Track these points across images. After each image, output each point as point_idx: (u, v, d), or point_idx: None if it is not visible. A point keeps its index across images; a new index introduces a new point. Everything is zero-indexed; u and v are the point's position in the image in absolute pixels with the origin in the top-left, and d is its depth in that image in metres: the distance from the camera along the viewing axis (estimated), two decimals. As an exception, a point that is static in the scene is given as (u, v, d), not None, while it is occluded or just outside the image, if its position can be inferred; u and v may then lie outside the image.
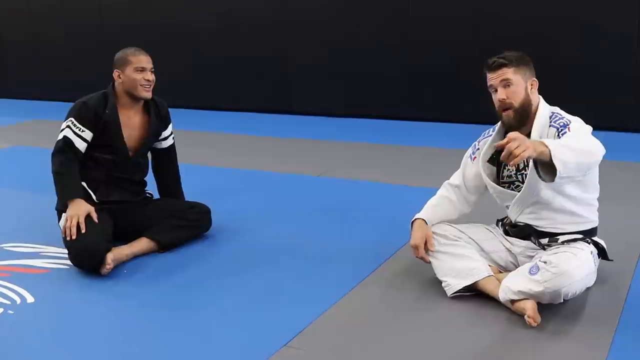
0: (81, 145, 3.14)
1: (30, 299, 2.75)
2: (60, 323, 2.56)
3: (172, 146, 3.52)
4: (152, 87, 3.23)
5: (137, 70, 3.17)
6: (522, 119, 2.55)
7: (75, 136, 3.12)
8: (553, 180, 2.22)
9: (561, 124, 2.49)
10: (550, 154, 2.17)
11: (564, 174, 2.20)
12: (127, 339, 2.42)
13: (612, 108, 5.76)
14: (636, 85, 5.69)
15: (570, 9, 5.79)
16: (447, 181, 2.86)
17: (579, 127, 2.44)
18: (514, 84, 2.52)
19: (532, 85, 2.56)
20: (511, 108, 2.53)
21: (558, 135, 2.45)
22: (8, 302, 2.71)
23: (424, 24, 6.41)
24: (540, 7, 5.89)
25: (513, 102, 2.53)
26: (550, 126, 2.51)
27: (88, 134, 3.14)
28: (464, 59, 6.25)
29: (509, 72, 2.52)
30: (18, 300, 2.73)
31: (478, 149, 2.74)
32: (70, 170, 3.12)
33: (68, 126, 3.13)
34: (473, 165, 2.74)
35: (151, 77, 3.20)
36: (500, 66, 2.53)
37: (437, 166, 4.02)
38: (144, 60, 3.20)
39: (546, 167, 2.23)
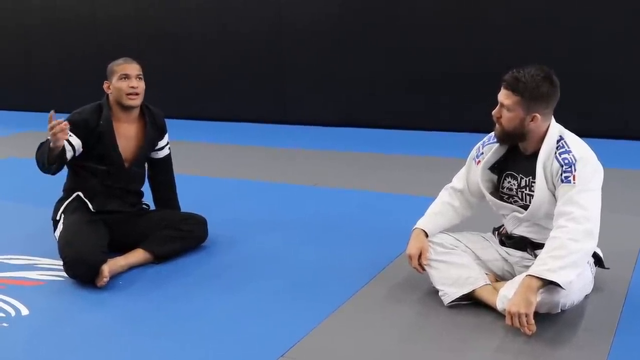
0: (66, 146, 3.03)
1: (25, 311, 2.73)
2: (55, 335, 2.54)
3: (168, 156, 3.51)
4: (139, 94, 3.18)
5: (122, 78, 3.15)
6: (508, 140, 2.56)
7: None
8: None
9: (566, 161, 2.40)
10: (547, 283, 2.27)
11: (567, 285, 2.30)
12: (123, 350, 2.40)
13: (603, 115, 5.79)
14: (625, 92, 5.72)
15: (559, 17, 5.83)
16: (449, 185, 2.82)
17: (581, 191, 2.35)
18: (511, 111, 2.45)
19: (532, 119, 2.43)
20: (500, 125, 2.52)
21: (561, 176, 2.39)
22: (3, 315, 2.69)
23: (417, 34, 6.44)
24: (529, 14, 5.93)
25: (503, 124, 2.50)
26: (555, 157, 2.44)
27: (75, 140, 3.07)
28: (458, 67, 6.29)
29: (510, 99, 2.44)
30: (13, 313, 2.71)
31: (482, 153, 2.69)
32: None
33: None
34: (477, 169, 2.69)
35: (136, 83, 3.16)
36: (507, 88, 2.46)
37: (433, 175, 4.03)
38: (128, 67, 3.17)
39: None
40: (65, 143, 3.02)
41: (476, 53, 6.18)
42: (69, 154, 3.06)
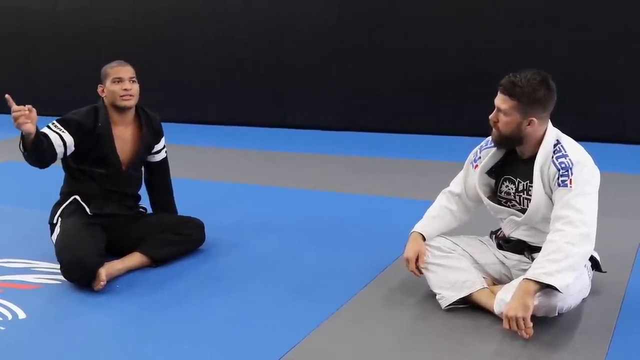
0: (56, 140, 3.02)
1: (22, 314, 2.73)
2: (52, 339, 2.53)
3: (165, 160, 3.51)
4: (132, 96, 3.18)
5: (115, 82, 3.15)
6: (506, 145, 2.55)
7: (52, 132, 3.03)
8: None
9: (563, 165, 2.40)
10: (544, 286, 2.27)
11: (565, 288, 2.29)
12: (121, 353, 2.40)
13: (601, 115, 5.79)
14: (624, 93, 5.72)
15: (558, 17, 5.83)
16: (447, 189, 2.83)
17: (578, 195, 2.35)
18: (507, 115, 2.44)
19: (530, 123, 2.43)
20: (497, 129, 2.52)
21: (558, 180, 2.39)
22: (0, 319, 2.69)
23: (417, 36, 6.45)
24: (528, 15, 5.93)
25: (500, 128, 2.50)
26: (552, 161, 2.43)
27: (68, 136, 3.05)
28: (457, 69, 6.29)
29: (507, 104, 2.43)
30: (10, 316, 2.71)
31: (479, 157, 2.69)
32: None
33: (47, 126, 3.06)
34: (475, 173, 2.69)
35: (129, 86, 3.16)
36: (504, 92, 2.45)
37: (431, 179, 4.03)
38: (122, 70, 3.18)
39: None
40: (57, 137, 3.03)
41: (476, 54, 6.18)
42: (59, 149, 3.04)
